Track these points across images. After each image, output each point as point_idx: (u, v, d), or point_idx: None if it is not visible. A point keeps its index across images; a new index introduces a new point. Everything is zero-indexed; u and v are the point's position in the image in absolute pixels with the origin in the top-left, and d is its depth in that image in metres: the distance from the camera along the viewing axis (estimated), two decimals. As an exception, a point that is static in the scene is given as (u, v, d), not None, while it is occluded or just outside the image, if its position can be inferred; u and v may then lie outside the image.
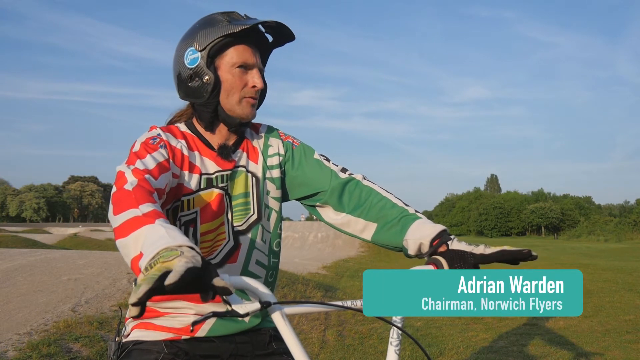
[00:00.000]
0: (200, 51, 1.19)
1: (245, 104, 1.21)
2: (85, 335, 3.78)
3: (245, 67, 1.21)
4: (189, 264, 0.70)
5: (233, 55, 1.20)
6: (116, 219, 0.90)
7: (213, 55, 1.20)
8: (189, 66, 1.20)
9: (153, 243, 0.79)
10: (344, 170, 1.30)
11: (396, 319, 0.98)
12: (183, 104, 1.30)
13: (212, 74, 1.18)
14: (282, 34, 1.26)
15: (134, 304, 0.70)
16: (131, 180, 0.99)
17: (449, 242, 1.08)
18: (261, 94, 1.30)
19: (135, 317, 0.71)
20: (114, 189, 0.99)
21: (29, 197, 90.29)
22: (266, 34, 1.27)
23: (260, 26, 1.23)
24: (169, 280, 0.68)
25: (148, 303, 1.19)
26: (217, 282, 0.73)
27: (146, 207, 0.90)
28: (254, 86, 1.21)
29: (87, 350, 3.56)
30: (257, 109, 1.32)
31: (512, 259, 1.01)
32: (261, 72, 1.25)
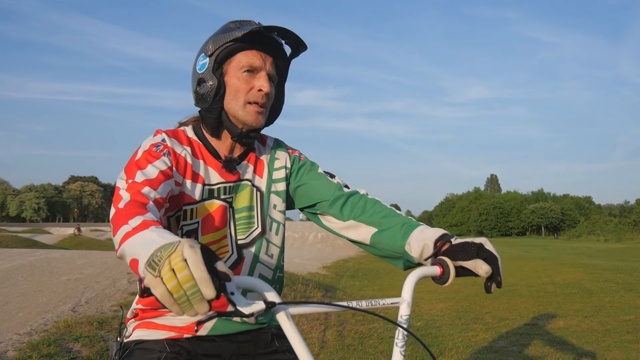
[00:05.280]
0: (209, 56, 1.19)
1: (250, 109, 1.18)
2: (85, 335, 3.78)
3: (252, 71, 1.19)
4: (195, 247, 0.72)
5: (241, 59, 1.19)
6: (115, 240, 0.93)
7: (221, 61, 1.19)
8: (198, 72, 1.20)
9: (146, 246, 0.79)
10: (347, 187, 1.31)
11: (401, 319, 0.97)
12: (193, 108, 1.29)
13: (215, 78, 1.18)
14: (296, 43, 1.24)
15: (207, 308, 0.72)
16: (125, 198, 1.00)
17: (451, 240, 1.09)
18: (276, 107, 1.29)
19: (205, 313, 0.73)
20: (112, 211, 1.00)
21: (29, 197, 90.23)
22: (285, 45, 1.25)
23: (275, 35, 1.21)
24: (191, 259, 0.70)
25: (149, 306, 1.19)
26: (219, 266, 0.74)
27: (135, 221, 0.91)
28: (260, 90, 1.18)
29: (87, 350, 3.56)
30: (272, 122, 1.30)
31: (494, 270, 1.03)
32: (272, 79, 1.23)
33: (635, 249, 21.38)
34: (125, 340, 1.20)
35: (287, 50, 1.26)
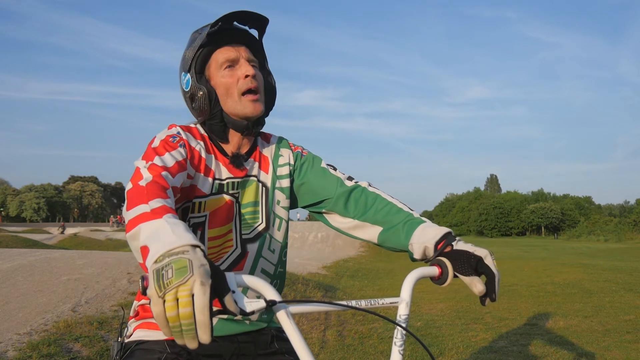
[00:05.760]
0: (188, 71, 1.22)
1: (245, 101, 1.20)
2: (85, 335, 3.78)
3: (232, 65, 1.21)
4: (206, 285, 0.72)
5: (217, 59, 1.22)
6: (128, 215, 0.91)
7: (200, 70, 1.22)
8: (186, 90, 1.23)
9: (158, 240, 0.79)
10: (350, 178, 1.32)
11: (400, 319, 0.97)
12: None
13: (203, 87, 1.20)
14: (257, 21, 1.25)
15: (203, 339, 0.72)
16: (146, 177, 1.00)
17: (453, 243, 1.09)
18: (269, 89, 1.30)
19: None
20: (129, 186, 0.99)
21: (29, 197, 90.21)
22: (249, 29, 1.26)
23: (237, 24, 1.24)
24: (200, 313, 0.71)
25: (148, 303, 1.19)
26: (228, 303, 0.75)
27: (155, 203, 0.90)
28: (246, 76, 1.20)
29: (87, 350, 3.56)
30: (272, 107, 1.31)
31: (489, 287, 1.05)
32: (253, 62, 1.24)
33: (635, 249, 21.37)
34: (126, 341, 1.20)
35: (254, 32, 1.27)
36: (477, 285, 1.03)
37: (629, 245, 27.77)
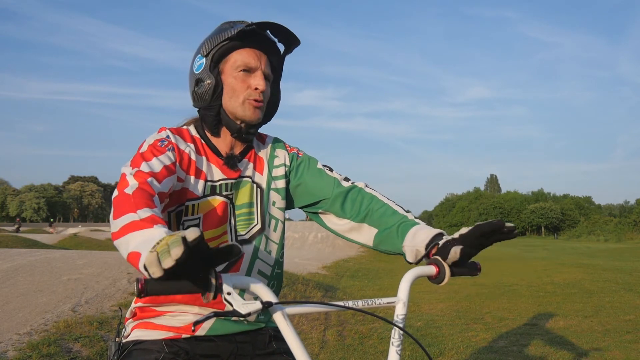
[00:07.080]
0: (205, 56, 1.21)
1: (248, 105, 1.21)
2: (85, 335, 3.78)
3: (248, 70, 1.22)
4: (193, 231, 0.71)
5: (237, 59, 1.21)
6: (115, 223, 0.91)
7: (217, 60, 1.21)
8: (195, 72, 1.23)
9: (149, 243, 0.79)
10: (346, 179, 1.32)
11: (397, 319, 0.97)
12: (194, 110, 1.31)
13: (213, 77, 1.20)
14: (289, 39, 1.26)
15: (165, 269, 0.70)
16: (132, 184, 0.99)
17: (439, 242, 1.08)
18: (272, 104, 1.31)
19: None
20: (115, 193, 0.99)
21: (29, 197, 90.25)
22: (278, 42, 1.27)
23: (268, 33, 1.24)
24: (190, 236, 0.69)
25: (148, 303, 1.20)
26: (190, 234, 0.73)
27: (144, 212, 0.90)
28: (256, 88, 1.21)
29: (87, 350, 3.56)
30: (269, 119, 1.32)
31: (490, 232, 0.98)
32: (268, 78, 1.25)
33: (635, 249, 21.36)
34: (124, 341, 1.20)
35: (281, 47, 1.28)
36: (452, 253, 1.00)
37: (629, 245, 27.76)
